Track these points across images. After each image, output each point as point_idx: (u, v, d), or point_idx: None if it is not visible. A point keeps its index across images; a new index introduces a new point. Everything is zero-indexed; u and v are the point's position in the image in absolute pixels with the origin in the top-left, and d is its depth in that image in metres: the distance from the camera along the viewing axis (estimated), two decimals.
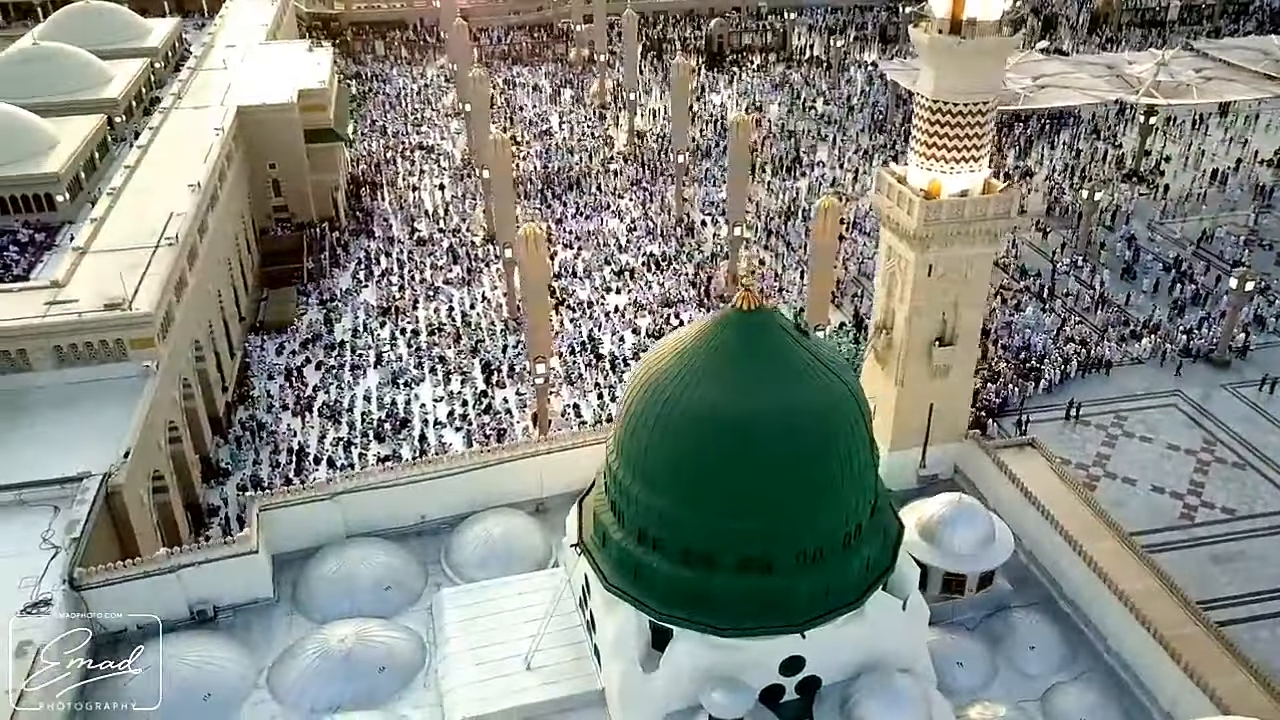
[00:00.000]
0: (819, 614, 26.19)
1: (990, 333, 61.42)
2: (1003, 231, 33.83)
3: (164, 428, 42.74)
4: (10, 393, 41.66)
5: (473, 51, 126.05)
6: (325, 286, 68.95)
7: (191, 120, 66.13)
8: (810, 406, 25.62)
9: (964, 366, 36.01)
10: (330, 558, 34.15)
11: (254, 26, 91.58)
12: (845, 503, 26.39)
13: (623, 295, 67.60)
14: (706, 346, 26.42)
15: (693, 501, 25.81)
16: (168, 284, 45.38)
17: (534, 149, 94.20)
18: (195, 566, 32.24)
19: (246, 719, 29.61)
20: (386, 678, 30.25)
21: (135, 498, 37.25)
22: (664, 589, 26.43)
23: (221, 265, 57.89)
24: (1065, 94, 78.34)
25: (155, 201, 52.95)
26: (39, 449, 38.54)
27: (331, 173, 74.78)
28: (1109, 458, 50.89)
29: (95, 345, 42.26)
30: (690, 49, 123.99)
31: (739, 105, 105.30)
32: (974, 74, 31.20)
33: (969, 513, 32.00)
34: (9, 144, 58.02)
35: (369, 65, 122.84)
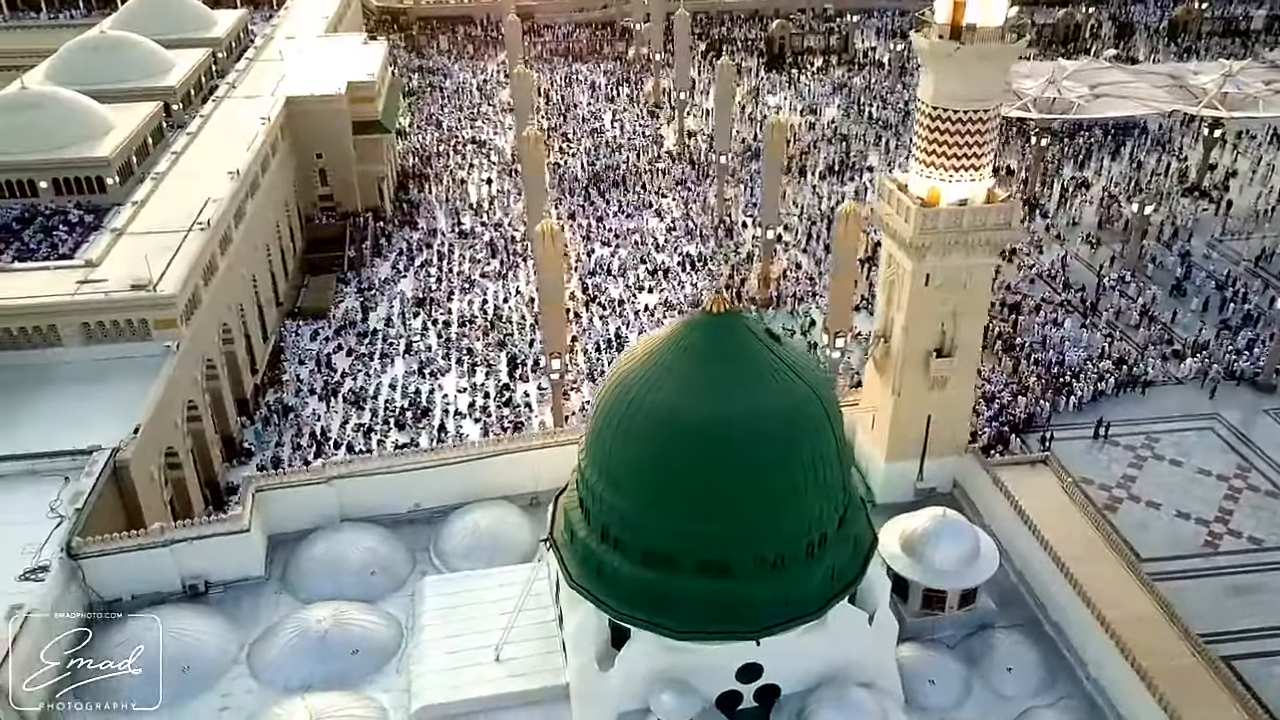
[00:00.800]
0: (776, 622, 25.97)
1: (1023, 346, 60.14)
2: (1003, 242, 33.07)
3: (182, 407, 44.04)
4: (39, 367, 43.40)
5: (532, 48, 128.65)
6: (365, 275, 70.27)
7: (242, 109, 67.98)
8: (773, 411, 25.41)
9: (963, 379, 35.27)
10: (321, 540, 34.91)
11: (315, 19, 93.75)
12: (809, 510, 26.09)
13: (655, 294, 67.62)
14: (675, 348, 26.39)
15: (653, 503, 25.80)
16: (195, 267, 46.78)
17: (584, 145, 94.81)
18: (188, 542, 33.24)
19: (223, 692, 30.39)
20: (359, 660, 30.79)
21: (145, 473, 38.48)
22: (624, 589, 26.48)
23: (259, 251, 59.41)
24: (1122, 104, 76.06)
25: (195, 187, 54.63)
26: (59, 421, 40.06)
27: (378, 164, 76.12)
28: (1135, 480, 49.33)
29: (121, 324, 43.80)
30: (751, 50, 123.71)
31: (794, 108, 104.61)
32: (973, 81, 30.58)
33: (953, 528, 31.37)
34: (65, 128, 60.32)
35: (432, 59, 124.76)
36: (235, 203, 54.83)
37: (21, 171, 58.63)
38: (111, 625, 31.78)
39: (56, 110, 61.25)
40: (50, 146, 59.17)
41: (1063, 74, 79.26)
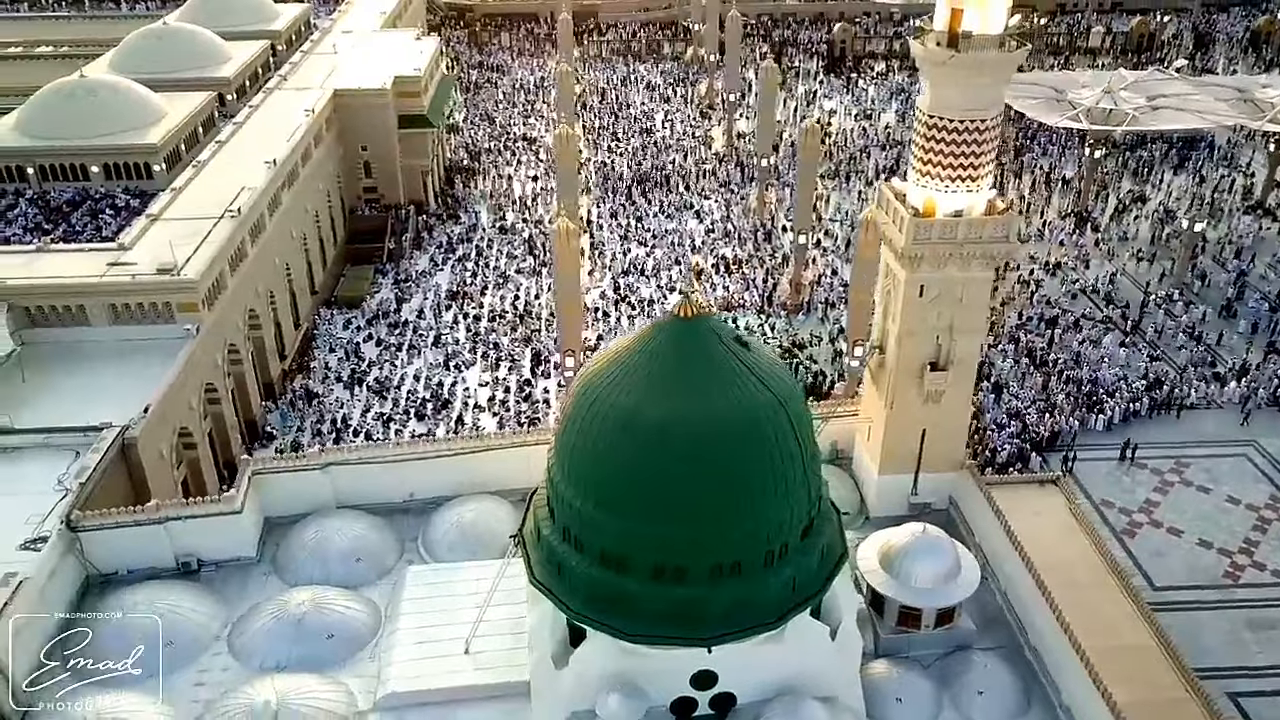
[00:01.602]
0: (729, 630, 25.69)
1: (1056, 362, 58.64)
2: (1001, 256, 32.28)
3: (200, 388, 45.31)
4: (70, 344, 45.04)
5: (594, 46, 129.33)
6: (403, 267, 71.44)
7: (290, 101, 69.57)
8: (734, 417, 25.12)
9: (959, 394, 34.48)
10: (312, 525, 35.55)
11: (373, 14, 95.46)
12: (768, 519, 25.76)
13: None
14: (642, 351, 26.28)
15: (610, 503, 25.73)
16: (220, 254, 48.07)
17: (632, 145, 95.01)
18: (181, 520, 34.16)
19: (202, 668, 31.15)
20: (334, 645, 31.29)
21: (154, 451, 39.67)
22: (581, 589, 26.46)
23: (294, 240, 60.77)
24: (1181, 117, 73.54)
25: (233, 175, 56.14)
26: (81, 397, 41.45)
27: (422, 157, 77.23)
28: (1158, 505, 47.76)
29: (145, 306, 45.24)
30: (813, 53, 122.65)
31: (850, 112, 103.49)
32: (970, 89, 29.92)
33: (931, 545, 30.76)
34: (117, 115, 62.47)
35: (493, 56, 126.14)
36: (270, 192, 56.19)
37: (75, 156, 60.92)
38: (104, 597, 33.01)
39: (111, 98, 63.44)
40: (102, 133, 61.35)
41: (1121, 84, 77.00)
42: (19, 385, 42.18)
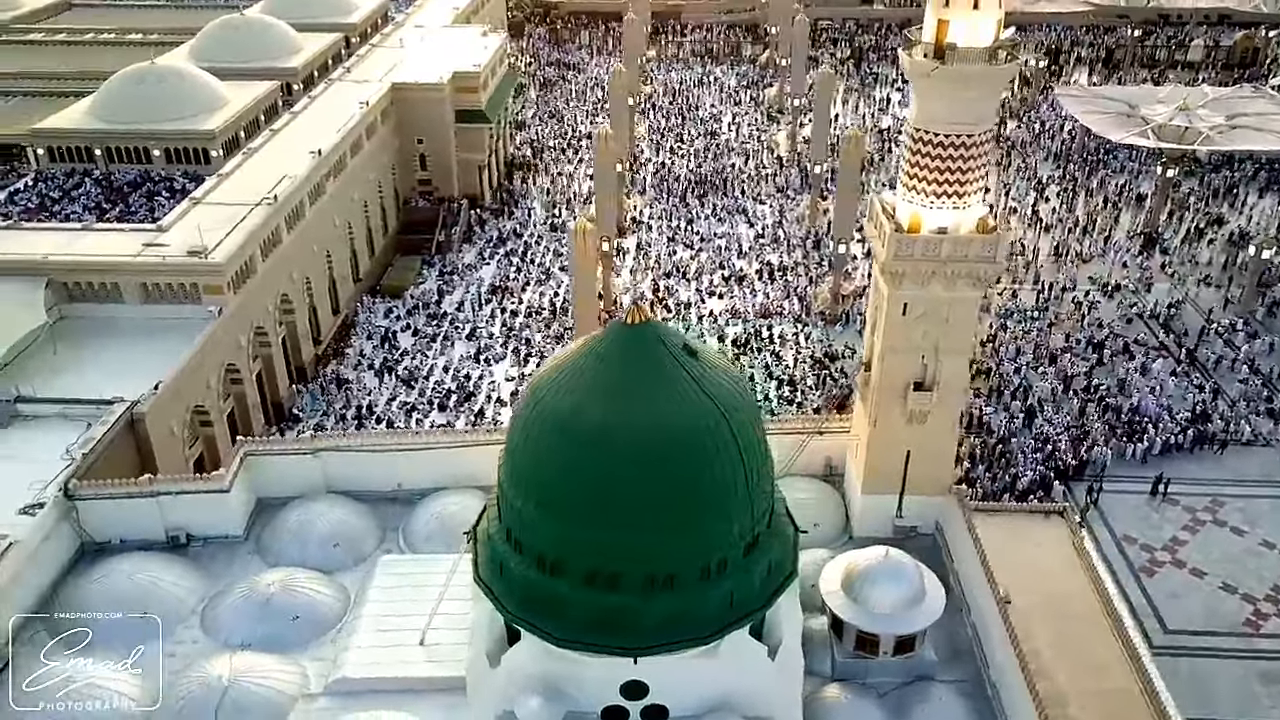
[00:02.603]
0: (659, 643, 25.40)
1: (1097, 388, 56.35)
2: (988, 276, 31.15)
3: (220, 369, 46.78)
4: (104, 320, 46.99)
5: (673, 46, 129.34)
6: (449, 260, 72.57)
7: (349, 93, 71.24)
8: (673, 427, 24.75)
9: (945, 416, 33.39)
10: (297, 508, 36.41)
11: (446, 9, 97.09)
12: (705, 532, 25.36)
13: (724, 301, 66.97)
14: (589, 355, 26.18)
15: (548, 506, 25.68)
16: (251, 239, 49.56)
17: (696, 147, 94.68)
18: (172, 495, 35.37)
19: (176, 640, 32.11)
20: (298, 627, 31.98)
21: (163, 427, 41.12)
22: (518, 590, 26.44)
23: (338, 228, 62.23)
24: (1259, 137, 69.90)
25: (278, 163, 57.80)
26: (106, 371, 43.13)
27: (478, 152, 78.29)
28: (1184, 544, 45.54)
29: (174, 287, 46.95)
30: (895, 60, 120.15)
31: None
32: (956, 103, 28.94)
33: (893, 570, 29.91)
34: (182, 102, 65.03)
35: (571, 54, 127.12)
36: (311, 181, 57.66)
37: (138, 139, 63.58)
38: (95, 564, 34.36)
39: (177, 85, 66.02)
40: (166, 118, 63.89)
41: (1200, 101, 73.56)
42: (50, 357, 44.17)
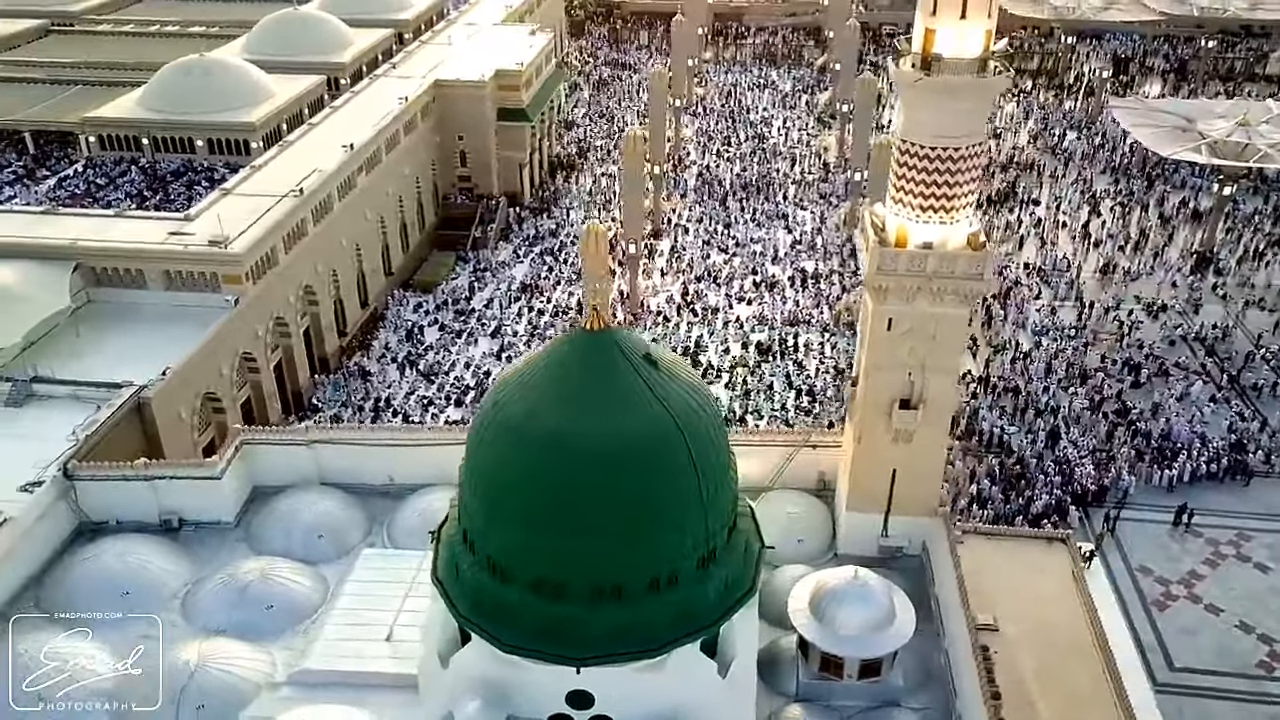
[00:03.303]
0: (603, 654, 25.15)
1: (1129, 410, 54.43)
2: (975, 294, 30.20)
3: (235, 357, 47.71)
4: (128, 305, 48.40)
5: (733, 48, 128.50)
6: (484, 257, 73.08)
7: (391, 89, 72.13)
8: (625, 436, 24.46)
9: (933, 436, 32.46)
10: (286, 498, 36.91)
11: (499, 7, 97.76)
12: (654, 544, 25.06)
13: (753, 307, 66.27)
14: (548, 361, 26.10)
15: (498, 511, 25.67)
16: (273, 231, 50.46)
17: (742, 150, 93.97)
18: (166, 480, 36.13)
19: (152, 623, 32.63)
20: (272, 616, 32.36)
21: (170, 413, 42.08)
22: (470, 593, 26.38)
23: (369, 222, 63.05)
24: None
25: (311, 157, 58.80)
26: (124, 355, 44.38)
27: (520, 150, 78.69)
28: (1203, 578, 43.74)
29: (195, 275, 48.04)
30: None
31: None
32: (943, 115, 28.09)
33: (860, 592, 29.20)
34: (227, 94, 66.62)
35: (629, 53, 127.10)
36: (341, 175, 58.52)
37: (182, 129, 65.33)
38: (89, 544, 35.22)
39: (222, 77, 67.62)
40: (210, 109, 65.47)
41: (1263, 116, 70.60)
42: (73, 339, 45.58)
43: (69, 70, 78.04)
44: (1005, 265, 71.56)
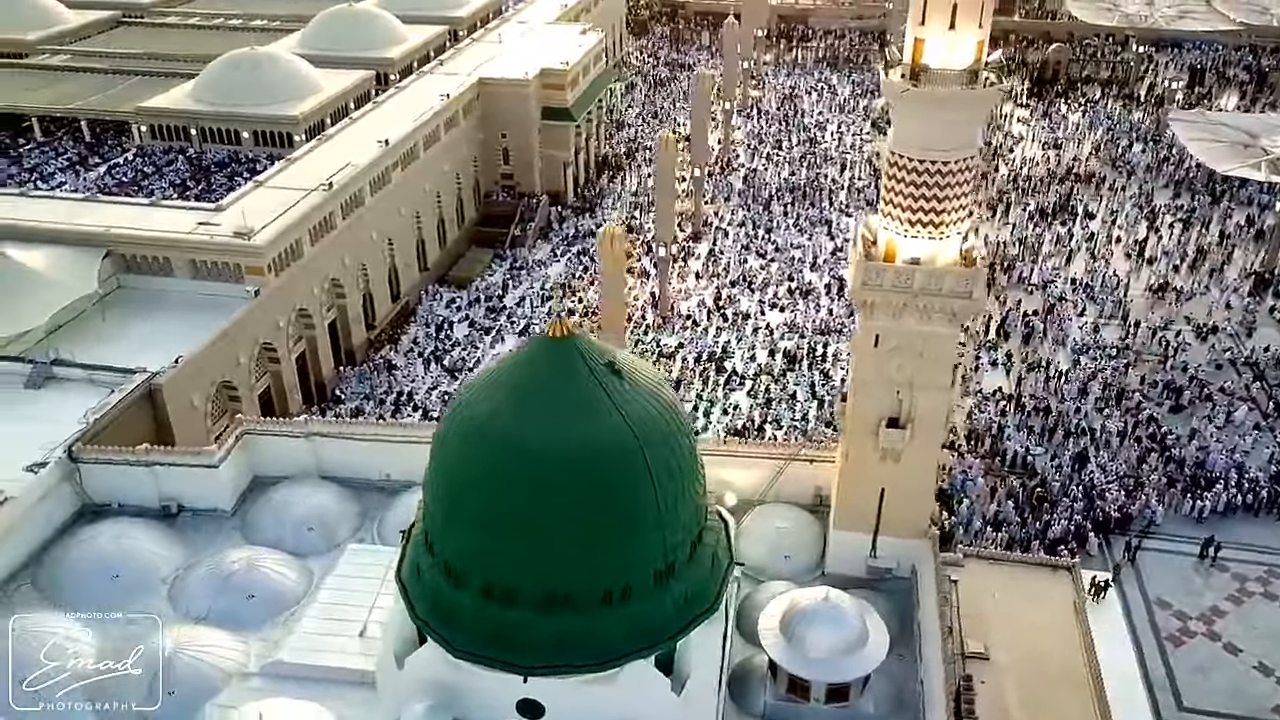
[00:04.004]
0: (551, 664, 24.92)
1: (1163, 436, 52.32)
2: (964, 313, 29.18)
3: (254, 347, 48.52)
4: (156, 292, 49.59)
5: (796, 51, 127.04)
6: (520, 255, 73.35)
7: (436, 85, 72.84)
8: (579, 444, 24.18)
9: (922, 456, 31.48)
10: (281, 489, 37.39)
11: (555, 6, 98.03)
12: (607, 556, 24.77)
13: (785, 314, 65.33)
14: (512, 366, 26.07)
15: (452, 513, 25.69)
16: (298, 223, 51.23)
17: (794, 154, 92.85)
18: (165, 466, 36.86)
19: (139, 607, 33.18)
20: (253, 606, 32.69)
21: (183, 400, 42.94)
22: (428, 595, 26.39)
23: (403, 217, 63.67)
24: None
25: (346, 151, 59.58)
26: (146, 341, 45.38)
27: (563, 149, 78.83)
28: (1224, 615, 41.78)
29: (220, 265, 48.98)
30: (1024, 74, 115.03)
31: (1038, 138, 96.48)
32: (931, 127, 27.18)
33: (831, 614, 28.41)
34: (274, 87, 67.86)
35: (689, 54, 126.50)
36: (375, 170, 59.17)
37: (229, 121, 66.75)
38: (88, 526, 36.08)
39: (271, 71, 68.93)
40: (257, 102, 66.73)
41: None
42: (98, 324, 46.85)
43: (130, 61, 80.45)
44: (1051, 280, 69.51)
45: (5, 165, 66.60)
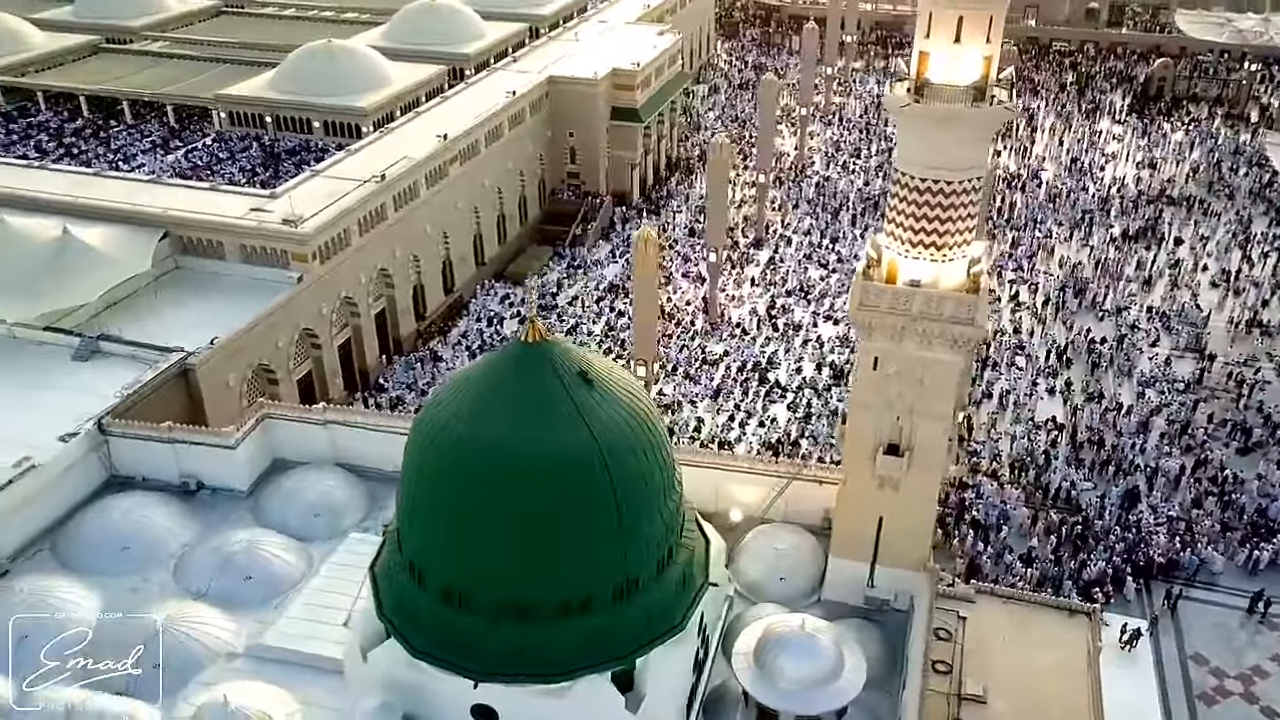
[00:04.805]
0: (502, 671, 24.75)
1: (1228, 479, 49.36)
2: (965, 340, 27.86)
3: (295, 332, 49.62)
4: (209, 274, 51.16)
5: (889, 58, 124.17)
6: (579, 254, 73.46)
7: (505, 82, 73.39)
8: (538, 453, 23.87)
9: (922, 486, 30.24)
10: (295, 474, 38.11)
11: (637, 6, 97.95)
12: (562, 567, 24.50)
13: (839, 327, 63.92)
14: (484, 370, 25.98)
15: (415, 510, 25.79)
16: (345, 214, 52.19)
17: (869, 164, 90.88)
18: (186, 445, 37.96)
19: (144, 578, 34.29)
20: (249, 587, 33.34)
21: (217, 380, 44.15)
22: (393, 593, 26.59)
23: (459, 211, 64.32)
24: None
25: (405, 144, 60.52)
26: (192, 321, 46.88)
27: (631, 150, 78.68)
28: (1267, 677, 39.11)
29: (268, 251, 50.23)
30: (1125, 89, 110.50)
31: (1132, 157, 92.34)
32: (933, 145, 26.03)
33: (805, 644, 27.43)
34: (347, 79, 69.63)
35: (779, 58, 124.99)
36: (431, 164, 59.93)
37: (302, 110, 68.60)
38: (110, 497, 37.40)
39: (346, 63, 70.61)
40: (330, 93, 68.39)
41: None
42: (151, 302, 48.56)
43: (222, 49, 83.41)
44: (1126, 306, 66.38)
45: (96, 145, 69.79)
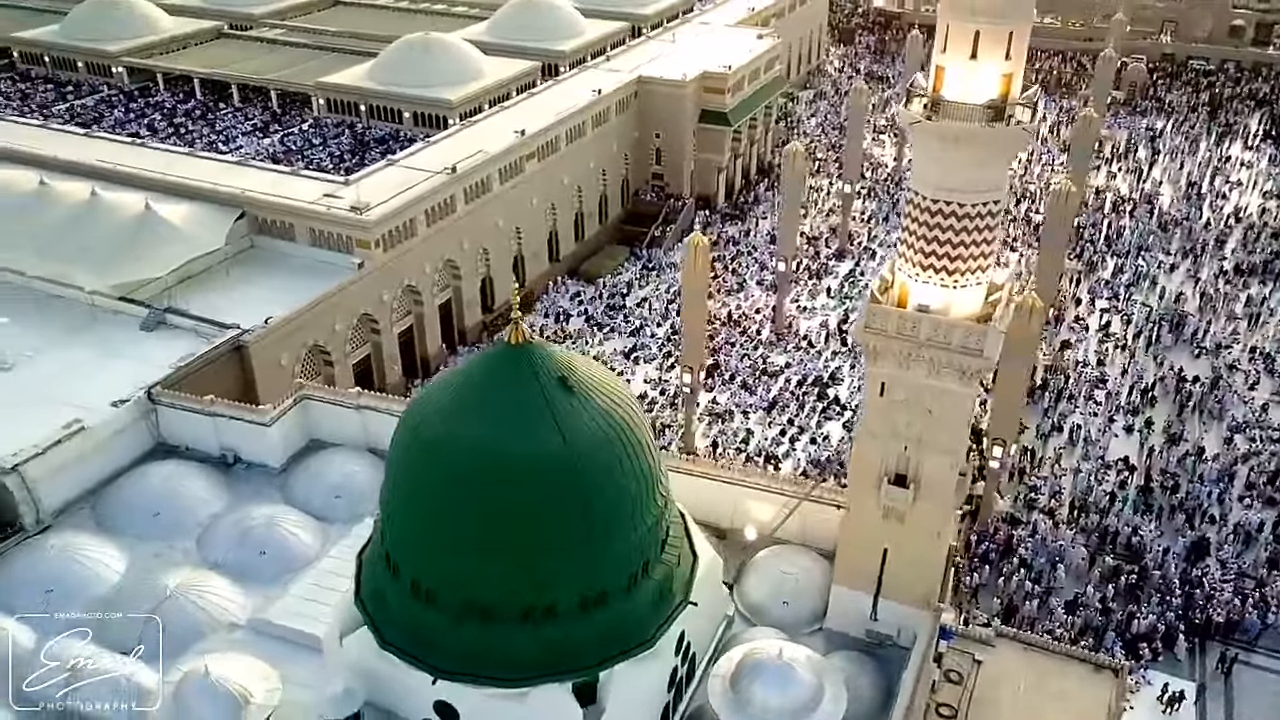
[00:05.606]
0: (460, 671, 24.79)
1: None
2: (974, 371, 26.43)
3: (353, 316, 50.86)
4: (280, 254, 52.91)
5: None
6: (655, 256, 73.17)
7: (595, 80, 73.54)
8: (510, 456, 23.84)
9: (930, 520, 28.90)
10: (324, 454, 39.15)
11: (741, 8, 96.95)
12: (526, 573, 24.39)
13: None
14: (468, 370, 26.18)
15: (391, 503, 26.13)
16: (412, 204, 53.15)
17: None
18: (225, 419, 39.34)
19: (168, 544, 35.55)
20: (263, 562, 34.31)
21: (270, 358, 45.58)
22: (371, 582, 27.02)
23: (534, 208, 64.74)
24: None
25: (483, 138, 61.28)
26: (259, 299, 48.50)
27: (718, 153, 77.87)
28: None
29: (334, 236, 51.59)
30: (1264, 114, 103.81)
31: (1258, 184, 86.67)
32: (946, 165, 24.85)
33: (782, 672, 26.52)
34: (438, 71, 70.85)
35: (892, 66, 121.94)
36: (506, 159, 60.52)
37: (394, 100, 70.30)
38: (152, 464, 39.04)
39: (440, 55, 71.97)
40: (421, 84, 69.82)
41: None
42: (223, 278, 50.49)
43: (331, 38, 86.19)
44: (1227, 345, 62.30)
45: (202, 126, 73.00)
